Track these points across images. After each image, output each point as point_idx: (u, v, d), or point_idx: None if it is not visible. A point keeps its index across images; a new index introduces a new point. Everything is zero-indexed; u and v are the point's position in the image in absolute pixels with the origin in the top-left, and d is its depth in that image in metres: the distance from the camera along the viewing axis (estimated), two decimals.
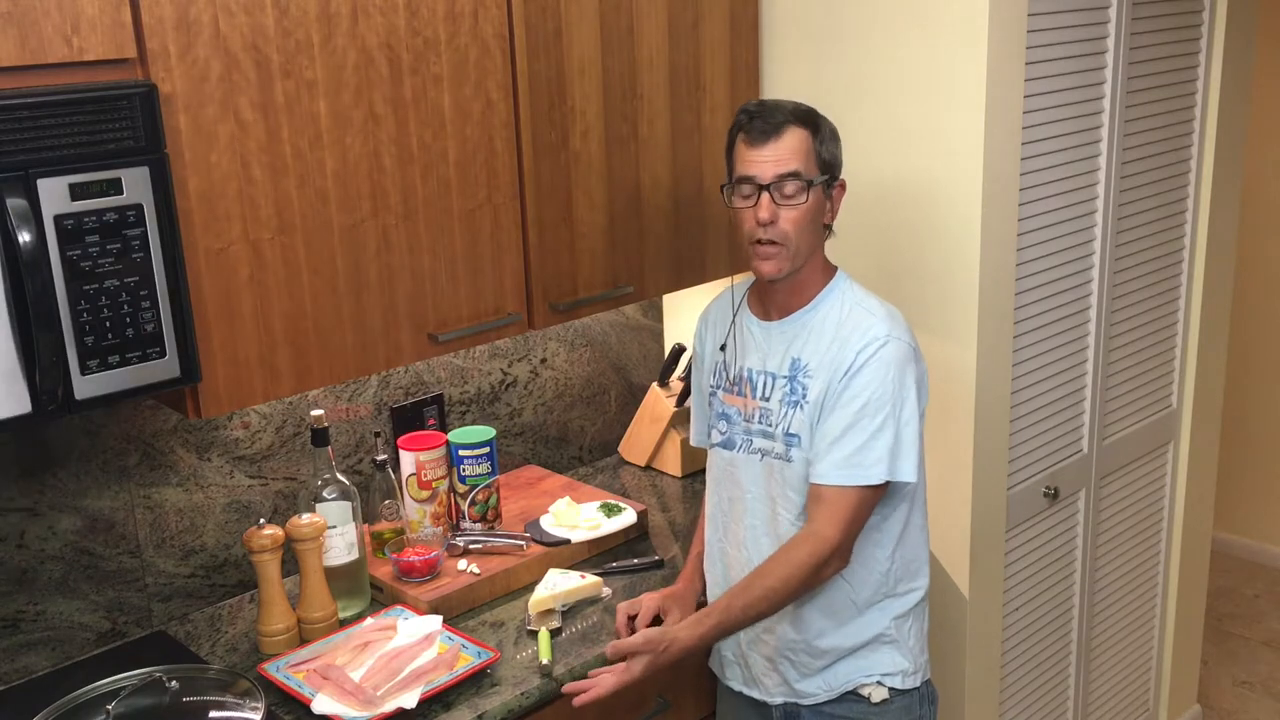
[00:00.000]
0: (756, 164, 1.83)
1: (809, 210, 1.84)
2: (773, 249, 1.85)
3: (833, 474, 1.83)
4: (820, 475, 1.84)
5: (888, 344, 1.85)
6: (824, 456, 1.84)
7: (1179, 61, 2.67)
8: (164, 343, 1.68)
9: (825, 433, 1.85)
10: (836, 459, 1.83)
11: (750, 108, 1.87)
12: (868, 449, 1.82)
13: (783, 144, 1.82)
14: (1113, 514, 2.85)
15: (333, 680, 1.88)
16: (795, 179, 1.82)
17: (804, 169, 1.83)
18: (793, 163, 1.82)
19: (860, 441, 1.82)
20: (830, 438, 1.84)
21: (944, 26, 2.19)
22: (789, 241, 1.84)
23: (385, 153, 1.93)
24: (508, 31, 2.05)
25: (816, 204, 1.85)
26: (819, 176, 1.85)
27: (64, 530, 2.03)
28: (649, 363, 2.89)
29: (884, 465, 1.83)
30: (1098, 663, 2.94)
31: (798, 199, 1.83)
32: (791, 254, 1.86)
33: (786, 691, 2.00)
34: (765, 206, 1.83)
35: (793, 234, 1.84)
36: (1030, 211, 2.37)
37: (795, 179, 1.82)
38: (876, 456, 1.82)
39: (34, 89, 1.54)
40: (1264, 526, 4.50)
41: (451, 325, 2.08)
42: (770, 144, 1.83)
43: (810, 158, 1.84)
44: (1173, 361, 2.95)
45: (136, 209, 1.62)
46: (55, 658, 2.05)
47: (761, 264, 1.87)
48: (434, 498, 2.31)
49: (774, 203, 1.83)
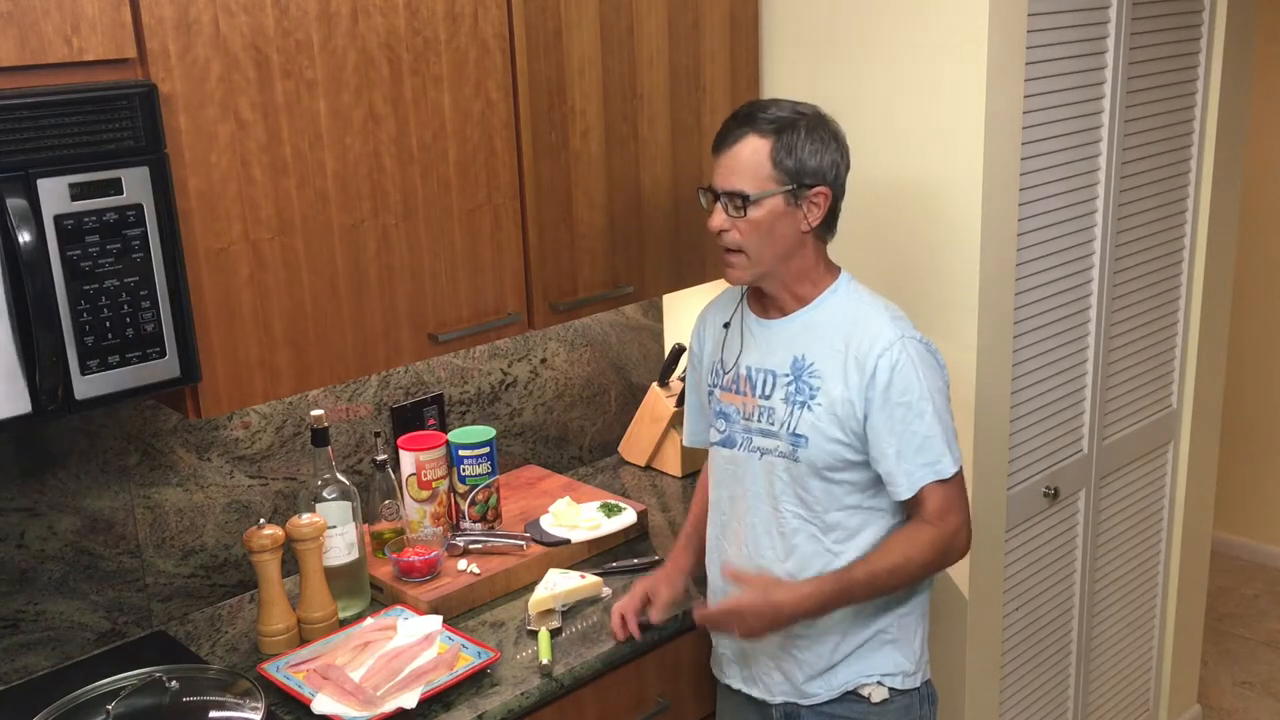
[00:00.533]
0: (715, 172, 1.87)
1: (757, 224, 1.84)
2: (733, 257, 1.88)
3: (913, 482, 1.87)
4: (906, 488, 1.87)
5: (905, 344, 1.86)
6: (897, 470, 1.87)
7: (1179, 61, 2.67)
8: (164, 343, 1.68)
9: (884, 450, 1.86)
10: (910, 469, 1.86)
11: (738, 111, 1.88)
12: (929, 447, 1.86)
13: (734, 155, 1.84)
14: (1113, 514, 2.85)
15: (333, 680, 1.88)
16: (738, 194, 1.83)
17: (751, 182, 1.82)
18: (737, 177, 1.83)
19: (919, 442, 1.85)
20: (893, 452, 1.86)
21: (944, 27, 2.19)
22: (745, 250, 1.86)
23: (385, 153, 1.93)
24: (508, 31, 2.05)
25: (770, 216, 1.83)
26: (773, 189, 1.82)
27: (64, 530, 2.03)
28: (649, 363, 2.89)
29: (949, 455, 1.88)
30: (1098, 663, 2.94)
31: (739, 213, 1.84)
32: (752, 263, 1.87)
33: (788, 690, 2.00)
34: (716, 215, 1.87)
35: (746, 244, 1.85)
36: (1030, 211, 2.37)
37: (738, 194, 1.83)
38: (940, 451, 1.87)
39: (34, 89, 1.54)
40: (1264, 526, 4.50)
41: (451, 325, 2.08)
42: (724, 154, 1.85)
43: (762, 170, 1.82)
44: (1173, 361, 2.95)
45: (136, 209, 1.62)
46: (55, 658, 2.05)
47: (725, 270, 1.91)
48: (434, 498, 2.31)
49: (726, 213, 1.85)
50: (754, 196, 1.82)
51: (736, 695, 2.09)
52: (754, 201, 1.82)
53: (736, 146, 1.83)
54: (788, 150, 1.82)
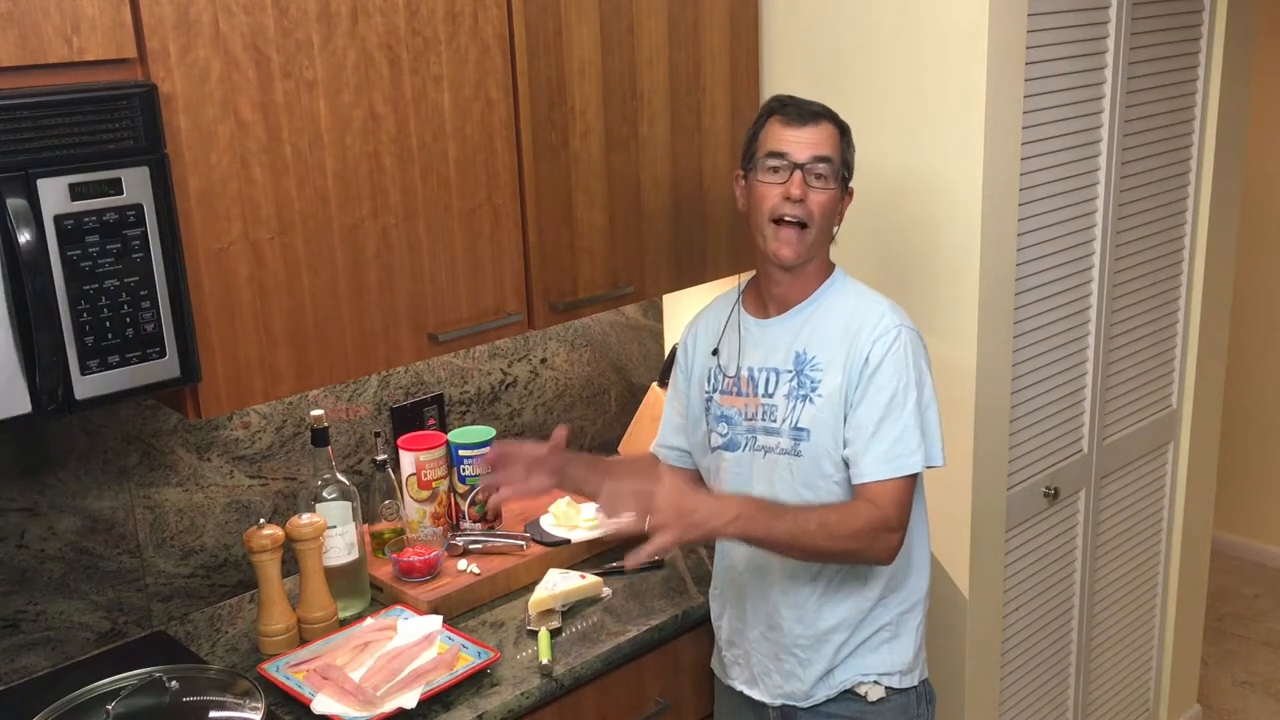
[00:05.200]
0: (791, 143, 1.86)
1: (834, 199, 1.88)
2: (794, 232, 1.87)
3: (876, 470, 1.85)
4: (864, 474, 1.85)
5: (901, 333, 1.86)
6: (863, 455, 1.85)
7: (1179, 61, 2.67)
8: (164, 343, 1.68)
9: (858, 432, 1.86)
10: (876, 455, 1.84)
11: (784, 97, 1.91)
12: (903, 440, 1.84)
13: (820, 131, 1.87)
14: (1113, 514, 2.85)
15: (333, 680, 1.88)
16: (828, 163, 1.86)
17: (835, 157, 1.87)
18: (827, 148, 1.86)
19: (896, 433, 1.84)
20: (865, 434, 1.85)
21: (944, 26, 2.19)
22: (813, 223, 1.87)
23: (385, 153, 1.93)
24: (508, 31, 2.05)
25: (834, 199, 1.88)
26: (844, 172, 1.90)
27: (64, 530, 2.03)
28: (649, 363, 2.89)
29: (921, 452, 1.86)
30: (1098, 663, 2.94)
31: (829, 183, 1.86)
32: (811, 240, 1.88)
33: (786, 693, 2.00)
34: (797, 183, 1.85)
35: (817, 216, 1.87)
36: (1030, 212, 2.37)
37: (828, 163, 1.86)
38: (914, 445, 1.85)
39: (34, 89, 1.54)
40: (1264, 526, 4.50)
41: (451, 325, 2.08)
42: (808, 127, 1.86)
43: (838, 155, 1.88)
44: (1173, 361, 2.95)
45: (136, 209, 1.62)
46: (55, 658, 2.05)
47: (781, 247, 1.88)
48: (434, 498, 2.31)
49: (805, 183, 1.85)
50: (842, 173, 1.88)
51: (736, 695, 2.09)
52: (837, 175, 1.87)
53: (821, 124, 1.87)
54: (849, 145, 1.91)
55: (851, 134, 1.92)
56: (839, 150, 1.88)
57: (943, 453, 1.90)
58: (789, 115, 1.87)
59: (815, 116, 1.87)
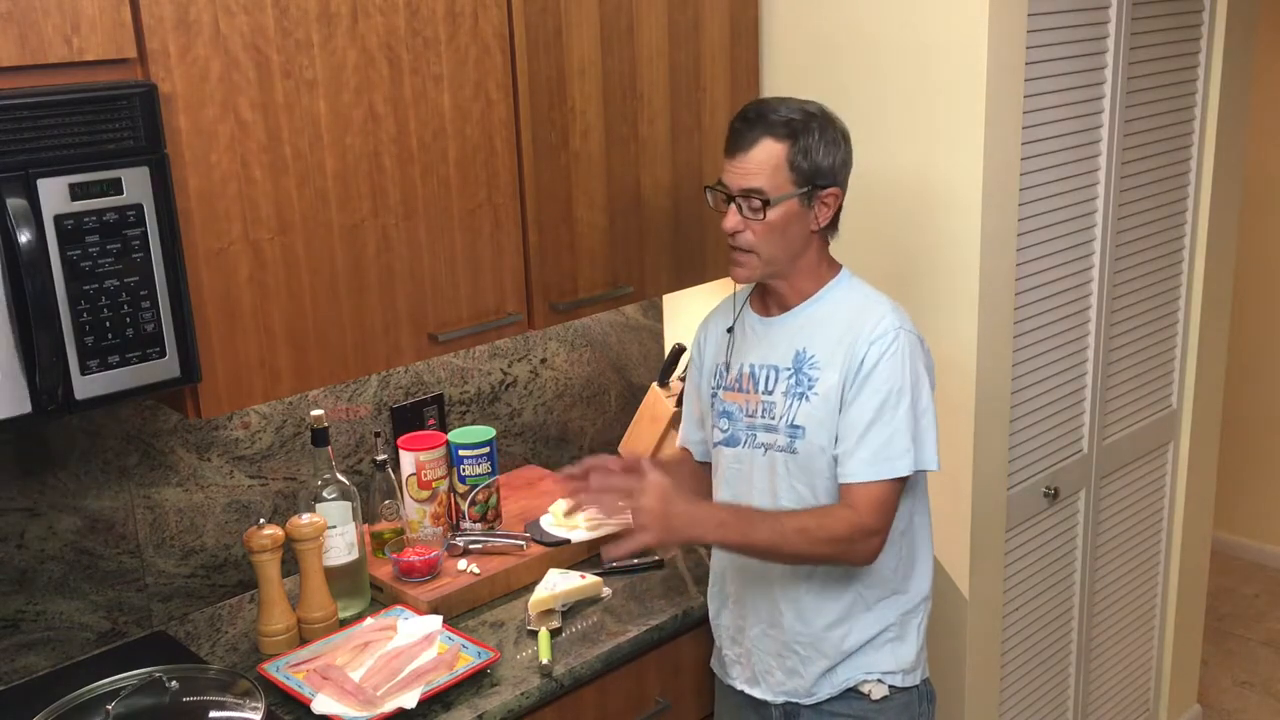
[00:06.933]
0: (728, 173, 1.86)
1: (773, 225, 1.84)
2: (742, 256, 1.88)
3: (863, 470, 1.84)
4: (850, 474, 1.85)
5: (900, 335, 1.86)
6: (852, 454, 1.85)
7: (1179, 61, 2.67)
8: (164, 343, 1.68)
9: (849, 430, 1.85)
10: (864, 456, 1.84)
11: (747, 111, 1.87)
12: (893, 442, 1.84)
13: (751, 158, 1.83)
14: (1113, 514, 2.85)
15: (333, 680, 1.88)
16: (756, 195, 1.83)
17: (768, 185, 1.82)
18: (756, 179, 1.82)
19: (886, 435, 1.83)
20: (855, 435, 1.85)
21: (944, 27, 2.19)
22: (757, 250, 1.86)
23: (385, 153, 1.93)
24: (508, 31, 2.05)
25: (785, 218, 1.84)
26: (790, 191, 1.83)
27: (64, 530, 2.03)
28: (649, 363, 2.89)
29: (910, 456, 1.84)
30: (1098, 663, 2.94)
31: (758, 215, 1.83)
32: (762, 263, 1.88)
33: (789, 690, 2.01)
34: (730, 216, 1.86)
35: (758, 245, 1.85)
36: (1030, 211, 2.37)
37: (756, 195, 1.83)
38: (903, 448, 1.84)
39: (34, 89, 1.54)
40: (1264, 526, 4.50)
41: (452, 325, 2.08)
42: (739, 156, 1.84)
43: (780, 172, 1.82)
44: (1173, 361, 2.95)
45: (136, 209, 1.62)
46: (55, 658, 2.05)
47: (733, 269, 1.91)
48: (434, 498, 2.30)
49: (740, 214, 1.85)
50: (773, 199, 1.82)
51: (737, 695, 2.09)
52: (773, 204, 1.83)
53: (752, 150, 1.82)
54: (804, 153, 1.83)
55: (822, 134, 1.84)
56: (779, 170, 1.81)
57: (937, 457, 1.89)
58: (729, 142, 1.86)
59: (751, 141, 1.82)
